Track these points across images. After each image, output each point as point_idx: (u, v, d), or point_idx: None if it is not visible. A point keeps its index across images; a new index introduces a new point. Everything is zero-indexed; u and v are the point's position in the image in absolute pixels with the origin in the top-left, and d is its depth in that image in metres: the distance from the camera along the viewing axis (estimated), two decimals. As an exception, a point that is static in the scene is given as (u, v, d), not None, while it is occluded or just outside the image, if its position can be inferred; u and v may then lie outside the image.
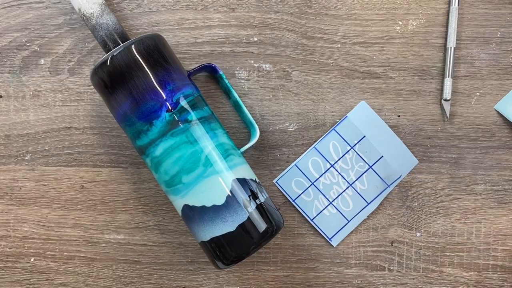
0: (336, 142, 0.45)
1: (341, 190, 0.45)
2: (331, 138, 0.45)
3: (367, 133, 0.45)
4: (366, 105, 0.45)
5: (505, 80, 0.45)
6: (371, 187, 0.45)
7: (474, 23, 0.45)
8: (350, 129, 0.45)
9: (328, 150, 0.45)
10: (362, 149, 0.45)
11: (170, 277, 0.46)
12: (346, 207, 0.45)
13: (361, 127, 0.45)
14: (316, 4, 0.46)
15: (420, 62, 0.46)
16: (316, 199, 0.45)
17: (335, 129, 0.45)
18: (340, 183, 0.45)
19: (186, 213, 0.39)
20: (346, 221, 0.45)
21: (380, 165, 0.45)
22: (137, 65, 0.38)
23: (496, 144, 0.45)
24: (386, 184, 0.45)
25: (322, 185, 0.45)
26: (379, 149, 0.45)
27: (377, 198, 0.45)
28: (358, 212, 0.45)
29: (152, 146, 0.38)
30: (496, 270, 0.45)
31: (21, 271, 0.46)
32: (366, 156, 0.45)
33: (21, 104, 0.46)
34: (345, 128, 0.45)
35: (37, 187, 0.46)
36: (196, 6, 0.46)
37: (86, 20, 0.41)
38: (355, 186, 0.45)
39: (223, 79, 0.44)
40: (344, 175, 0.45)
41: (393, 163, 0.45)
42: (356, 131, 0.45)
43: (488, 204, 0.45)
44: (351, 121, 0.45)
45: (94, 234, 0.46)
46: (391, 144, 0.45)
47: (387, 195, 0.45)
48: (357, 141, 0.45)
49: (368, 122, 0.45)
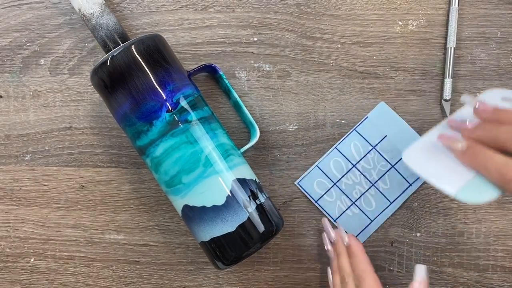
0: (357, 142, 0.45)
1: (363, 190, 0.45)
2: (353, 139, 0.45)
3: (388, 133, 0.45)
4: (385, 105, 0.45)
5: (505, 80, 0.45)
6: (394, 186, 0.45)
7: (474, 24, 0.45)
8: (371, 129, 0.45)
9: (350, 151, 0.45)
10: (384, 149, 0.45)
11: (170, 277, 0.46)
12: (369, 206, 0.45)
13: (382, 127, 0.45)
14: (316, 5, 0.46)
15: (420, 62, 0.46)
16: (339, 200, 0.45)
17: (356, 129, 0.45)
18: (363, 183, 0.45)
19: (186, 213, 0.39)
20: (370, 221, 0.45)
21: (402, 164, 0.45)
22: (137, 65, 0.38)
23: (496, 144, 0.45)
24: (409, 183, 0.45)
25: (345, 185, 0.45)
26: (401, 148, 0.45)
27: (400, 197, 0.45)
28: (382, 212, 0.45)
29: (152, 146, 0.38)
30: (496, 270, 0.45)
31: (21, 271, 0.46)
32: (388, 156, 0.45)
33: (21, 105, 0.46)
34: (366, 129, 0.45)
35: (37, 187, 0.46)
36: (196, 6, 0.46)
37: (86, 21, 0.41)
38: (377, 185, 0.45)
39: (223, 79, 0.44)
40: (367, 174, 0.45)
41: None
42: (377, 131, 0.45)
43: (488, 204, 0.45)
44: (371, 121, 0.45)
45: (94, 235, 0.46)
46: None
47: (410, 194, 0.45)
48: (378, 140, 0.45)
49: (389, 121, 0.45)
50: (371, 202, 0.45)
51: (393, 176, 0.45)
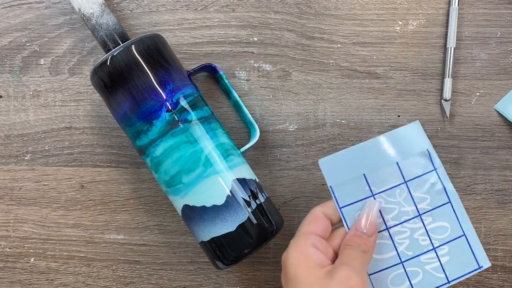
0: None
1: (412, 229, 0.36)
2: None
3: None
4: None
5: (505, 80, 0.45)
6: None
7: (474, 23, 0.45)
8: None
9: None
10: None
11: (170, 277, 0.46)
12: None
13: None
14: (316, 4, 0.45)
15: (420, 62, 0.46)
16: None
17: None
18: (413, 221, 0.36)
19: (186, 213, 0.39)
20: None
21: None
22: (137, 65, 0.38)
23: (496, 144, 0.45)
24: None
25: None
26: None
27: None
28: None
29: (152, 146, 0.38)
30: (496, 270, 0.45)
31: (21, 271, 0.46)
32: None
33: (21, 104, 0.46)
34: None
35: (37, 187, 0.46)
36: (196, 6, 0.46)
37: (86, 20, 0.41)
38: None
39: (223, 79, 0.44)
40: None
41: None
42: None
43: (488, 204, 0.45)
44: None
45: (94, 234, 0.46)
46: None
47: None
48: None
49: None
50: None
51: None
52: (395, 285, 0.36)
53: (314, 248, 0.33)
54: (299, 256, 0.33)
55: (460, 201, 0.36)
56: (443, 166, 0.37)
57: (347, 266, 0.32)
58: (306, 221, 0.35)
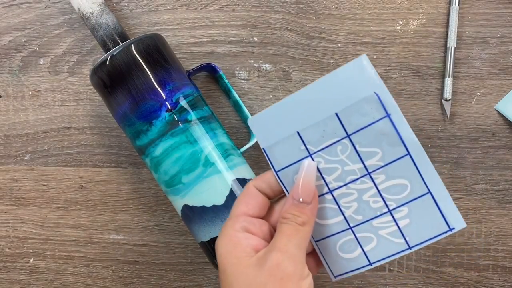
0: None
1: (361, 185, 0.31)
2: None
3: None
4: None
5: (505, 80, 0.45)
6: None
7: (474, 23, 0.45)
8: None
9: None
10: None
11: (170, 277, 0.46)
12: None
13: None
14: (316, 4, 0.45)
15: (421, 62, 0.45)
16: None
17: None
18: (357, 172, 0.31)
19: (185, 213, 0.39)
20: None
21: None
22: (137, 65, 0.38)
23: (497, 144, 0.45)
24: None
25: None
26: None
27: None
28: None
29: (152, 146, 0.38)
30: (496, 271, 0.45)
31: (21, 271, 0.46)
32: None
33: (20, 104, 0.46)
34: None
35: (37, 187, 0.46)
36: (195, 5, 0.46)
37: (85, 20, 0.41)
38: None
39: (223, 79, 0.44)
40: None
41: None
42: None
43: (488, 204, 0.45)
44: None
45: (93, 235, 0.46)
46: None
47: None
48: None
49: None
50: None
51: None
52: (346, 252, 0.32)
53: (245, 232, 0.30)
54: (227, 245, 0.29)
55: (423, 151, 0.29)
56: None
57: (277, 252, 0.28)
58: (237, 201, 0.31)
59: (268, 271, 0.27)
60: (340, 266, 0.32)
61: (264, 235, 0.31)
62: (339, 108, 0.30)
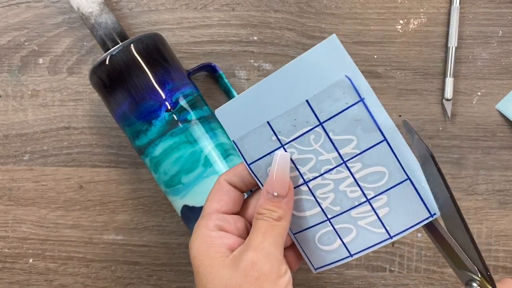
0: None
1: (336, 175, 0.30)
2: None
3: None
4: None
5: (506, 80, 0.45)
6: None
7: (475, 22, 0.45)
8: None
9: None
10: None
11: (170, 278, 0.46)
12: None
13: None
14: (316, 3, 0.45)
15: (421, 61, 0.45)
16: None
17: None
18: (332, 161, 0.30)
19: (185, 213, 0.39)
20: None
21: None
22: (136, 64, 0.38)
23: (498, 144, 0.45)
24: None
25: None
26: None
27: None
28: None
29: (152, 146, 0.38)
30: (497, 271, 0.45)
31: (20, 271, 0.46)
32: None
33: (19, 104, 0.46)
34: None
35: (36, 187, 0.46)
36: (195, 5, 0.45)
37: (85, 19, 0.41)
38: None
39: (223, 78, 0.44)
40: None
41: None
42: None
43: (489, 204, 0.45)
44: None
45: (93, 235, 0.46)
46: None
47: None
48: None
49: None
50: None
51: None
52: (325, 244, 0.30)
53: (218, 231, 0.29)
54: (200, 246, 0.28)
55: (401, 136, 0.28)
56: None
57: (252, 251, 0.27)
58: (209, 198, 0.30)
59: (244, 271, 0.26)
60: (320, 258, 0.31)
61: (240, 232, 0.30)
62: (309, 94, 0.28)
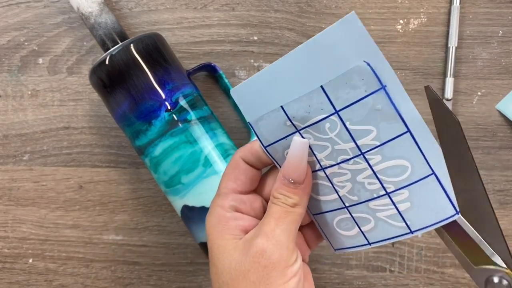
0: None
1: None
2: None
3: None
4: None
5: (507, 80, 0.45)
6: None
7: (475, 22, 0.45)
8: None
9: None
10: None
11: (170, 278, 0.46)
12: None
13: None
14: (316, 3, 0.45)
15: (422, 61, 0.45)
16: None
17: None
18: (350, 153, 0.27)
19: (185, 213, 0.39)
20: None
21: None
22: (136, 64, 0.38)
23: (498, 144, 0.45)
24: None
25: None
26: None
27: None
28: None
29: (151, 146, 0.38)
30: (498, 271, 0.45)
31: (20, 272, 0.46)
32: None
33: (19, 104, 0.46)
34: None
35: (36, 188, 0.46)
36: (195, 5, 0.45)
37: (84, 19, 0.41)
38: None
39: (223, 78, 0.43)
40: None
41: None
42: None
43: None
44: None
45: (92, 235, 0.46)
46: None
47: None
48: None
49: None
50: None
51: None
52: (343, 229, 0.29)
53: (233, 212, 0.28)
54: (216, 225, 0.28)
55: (426, 128, 0.26)
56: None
57: (263, 238, 0.26)
58: (225, 176, 0.29)
59: (253, 257, 0.26)
60: (339, 241, 0.30)
61: (256, 213, 0.29)
62: (324, 79, 0.25)
